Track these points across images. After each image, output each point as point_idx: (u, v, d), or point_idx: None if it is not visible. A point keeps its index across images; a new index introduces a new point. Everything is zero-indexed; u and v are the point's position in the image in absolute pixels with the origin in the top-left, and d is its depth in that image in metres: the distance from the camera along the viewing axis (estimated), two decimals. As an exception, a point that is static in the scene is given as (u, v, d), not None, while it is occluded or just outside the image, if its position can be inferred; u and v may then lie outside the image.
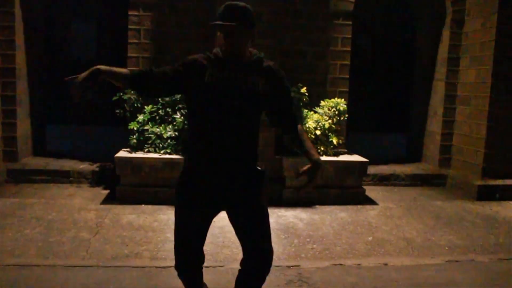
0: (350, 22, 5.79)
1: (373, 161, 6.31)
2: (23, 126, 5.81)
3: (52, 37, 9.72)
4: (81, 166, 5.71)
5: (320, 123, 5.23)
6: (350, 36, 5.80)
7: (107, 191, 5.28)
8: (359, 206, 5.07)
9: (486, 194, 5.53)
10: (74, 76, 1.98)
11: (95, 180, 5.60)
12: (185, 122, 5.00)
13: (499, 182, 5.62)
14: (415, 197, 5.59)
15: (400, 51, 9.43)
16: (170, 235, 4.07)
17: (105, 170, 5.62)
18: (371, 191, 5.66)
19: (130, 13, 5.49)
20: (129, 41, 5.54)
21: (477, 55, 5.76)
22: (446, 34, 6.10)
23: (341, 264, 3.58)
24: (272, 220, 2.51)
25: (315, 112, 5.40)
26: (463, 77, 6.04)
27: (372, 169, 6.04)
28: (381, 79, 9.83)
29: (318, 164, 2.21)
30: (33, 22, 5.92)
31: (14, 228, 4.09)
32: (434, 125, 6.38)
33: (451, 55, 6.06)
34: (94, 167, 5.71)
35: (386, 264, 3.62)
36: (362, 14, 9.22)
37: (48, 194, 5.18)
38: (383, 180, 6.03)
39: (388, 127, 9.23)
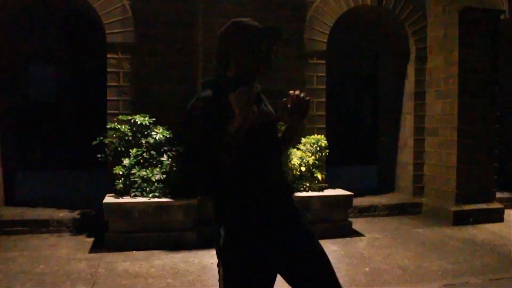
0: (324, 61, 6.07)
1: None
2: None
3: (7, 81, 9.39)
4: (61, 214, 5.48)
5: (304, 160, 5.37)
6: (324, 74, 6.08)
7: (91, 239, 5.10)
8: (347, 239, 5.19)
9: (461, 219, 5.84)
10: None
11: (77, 228, 5.39)
12: (174, 164, 4.98)
13: (472, 206, 5.96)
14: (397, 226, 5.79)
15: (366, 86, 9.87)
16: (172, 281, 4.00)
17: (87, 217, 5.44)
18: (355, 223, 5.81)
19: (108, 56, 5.49)
20: (108, 84, 5.51)
21: (442, 89, 6.18)
22: (411, 70, 6.52)
23: (348, 297, 3.66)
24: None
25: (298, 149, 5.54)
26: (430, 110, 6.43)
27: (351, 201, 6.22)
28: (347, 113, 10.20)
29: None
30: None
31: (1, 285, 3.86)
32: (406, 156, 6.70)
33: (417, 89, 6.46)
34: (75, 214, 5.50)
35: (390, 294, 3.73)
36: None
37: (29, 245, 4.92)
38: (363, 212, 6.21)
39: (358, 159, 9.53)
